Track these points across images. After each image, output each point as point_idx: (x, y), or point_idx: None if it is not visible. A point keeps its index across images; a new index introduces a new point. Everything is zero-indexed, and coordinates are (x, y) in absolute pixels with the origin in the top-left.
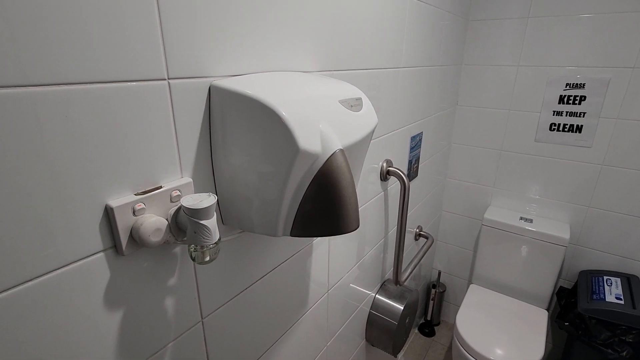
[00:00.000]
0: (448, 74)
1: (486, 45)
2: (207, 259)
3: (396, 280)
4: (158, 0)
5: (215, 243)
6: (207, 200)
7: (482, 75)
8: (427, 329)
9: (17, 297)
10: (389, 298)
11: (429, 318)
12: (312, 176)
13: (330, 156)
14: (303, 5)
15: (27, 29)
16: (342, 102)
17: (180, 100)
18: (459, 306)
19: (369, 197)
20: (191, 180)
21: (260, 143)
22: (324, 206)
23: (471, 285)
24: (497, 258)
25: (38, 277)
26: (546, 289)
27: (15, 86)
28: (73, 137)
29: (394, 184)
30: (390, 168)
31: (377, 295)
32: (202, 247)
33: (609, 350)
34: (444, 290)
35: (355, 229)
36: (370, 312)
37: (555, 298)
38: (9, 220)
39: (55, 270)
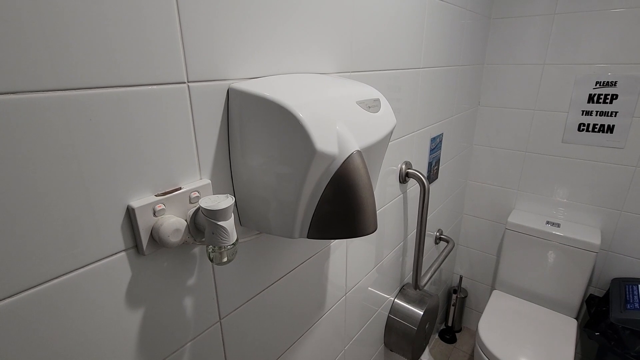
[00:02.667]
0: (469, 73)
1: (509, 43)
2: (225, 259)
3: (415, 285)
4: (178, 5)
5: (232, 244)
6: (224, 201)
7: (505, 74)
8: (448, 335)
9: (44, 294)
10: (408, 303)
11: (449, 324)
12: (329, 178)
13: (348, 158)
14: (320, 8)
15: (58, 35)
16: (359, 103)
17: (199, 103)
18: (481, 312)
19: (388, 200)
20: (210, 181)
21: (277, 144)
22: (341, 208)
23: (494, 291)
24: (522, 263)
25: (62, 275)
26: (575, 296)
27: (46, 90)
28: (97, 139)
29: (413, 186)
30: (409, 170)
31: (396, 300)
32: (219, 248)
33: None
34: (466, 296)
35: (373, 232)
36: (388, 316)
37: (584, 306)
38: (35, 220)
39: (79, 269)
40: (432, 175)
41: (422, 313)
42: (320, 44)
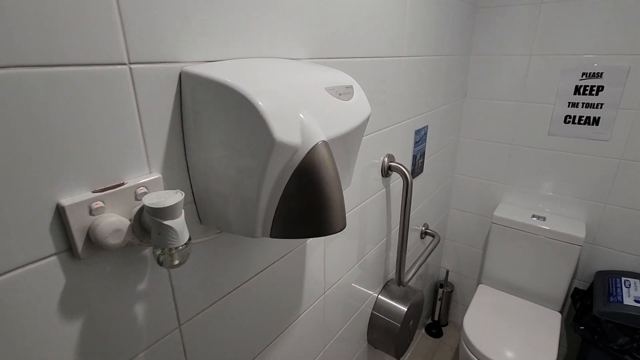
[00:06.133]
0: (455, 64)
1: (496, 33)
2: (177, 262)
3: (399, 281)
4: None
5: (185, 244)
6: (172, 197)
7: (492, 65)
8: (435, 330)
9: None
10: (391, 299)
11: (436, 318)
12: (292, 171)
13: (312, 149)
14: None
15: None
16: (329, 89)
17: (144, 88)
18: (467, 307)
19: (370, 194)
20: (160, 175)
21: (234, 134)
22: (305, 205)
23: (480, 286)
24: (507, 257)
25: None
26: (560, 290)
27: None
28: (16, 128)
29: (396, 180)
30: (392, 163)
31: (379, 296)
32: (169, 249)
33: (627, 357)
34: (452, 290)
35: (341, 230)
36: (372, 313)
37: (569, 300)
38: None
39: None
40: (417, 168)
41: (405, 309)
42: (290, 26)
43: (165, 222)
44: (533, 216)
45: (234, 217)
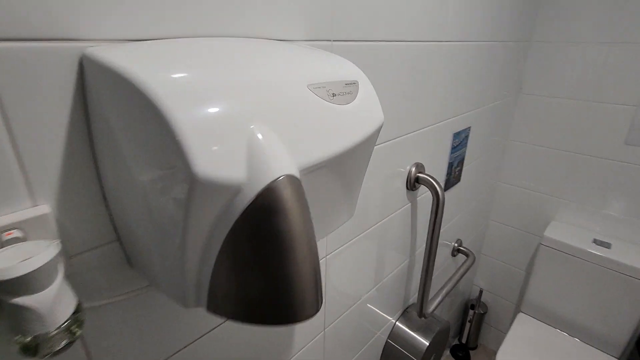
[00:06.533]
0: (511, 52)
1: (566, 16)
2: (61, 346)
3: (420, 312)
4: None
5: (65, 323)
6: (35, 259)
7: (557, 55)
8: (461, 353)
9: None
10: (411, 329)
11: (464, 341)
12: (232, 223)
13: (265, 188)
14: None
15: None
16: (314, 88)
17: (14, 78)
18: (501, 331)
19: (391, 210)
20: (49, 210)
21: (143, 158)
22: (251, 275)
23: (519, 315)
24: (556, 286)
25: None
26: (622, 333)
27: None
28: None
29: (425, 192)
30: (420, 175)
31: (397, 323)
32: (36, 337)
33: None
34: (485, 312)
35: (311, 317)
36: (387, 341)
37: (633, 346)
38: None
39: None
40: (453, 178)
41: (427, 344)
42: None
43: (15, 301)
44: (594, 241)
45: (161, 273)
